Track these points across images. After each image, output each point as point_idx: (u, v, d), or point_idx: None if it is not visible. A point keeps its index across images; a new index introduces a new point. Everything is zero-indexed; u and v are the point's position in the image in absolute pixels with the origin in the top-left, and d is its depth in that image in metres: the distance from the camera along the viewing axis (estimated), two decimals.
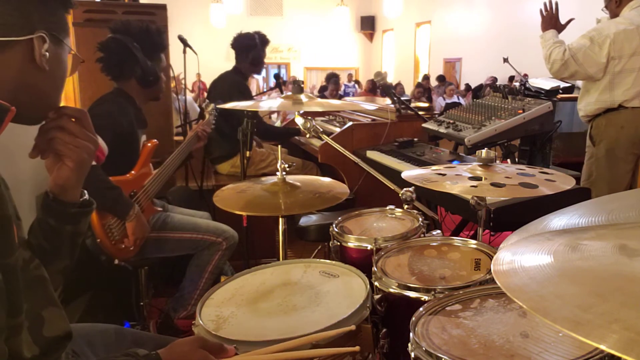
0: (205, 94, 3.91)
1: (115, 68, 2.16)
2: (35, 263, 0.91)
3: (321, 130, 1.97)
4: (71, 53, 0.98)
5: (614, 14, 2.76)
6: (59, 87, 0.97)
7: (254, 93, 4.90)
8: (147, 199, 2.17)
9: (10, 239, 0.81)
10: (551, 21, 2.82)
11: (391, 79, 13.32)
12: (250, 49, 3.37)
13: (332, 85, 8.83)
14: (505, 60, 3.95)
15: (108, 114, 2.07)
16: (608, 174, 2.68)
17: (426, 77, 12.20)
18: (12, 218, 0.82)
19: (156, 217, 2.22)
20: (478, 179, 1.43)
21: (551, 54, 2.71)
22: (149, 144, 2.25)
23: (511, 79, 8.41)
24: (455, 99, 9.99)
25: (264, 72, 13.64)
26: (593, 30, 2.69)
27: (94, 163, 1.85)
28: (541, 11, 2.85)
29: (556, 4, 2.82)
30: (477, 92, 8.47)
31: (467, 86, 11.09)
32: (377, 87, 9.82)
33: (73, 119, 0.97)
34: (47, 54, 0.89)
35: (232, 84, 3.40)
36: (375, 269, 1.36)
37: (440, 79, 11.45)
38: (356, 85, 13.62)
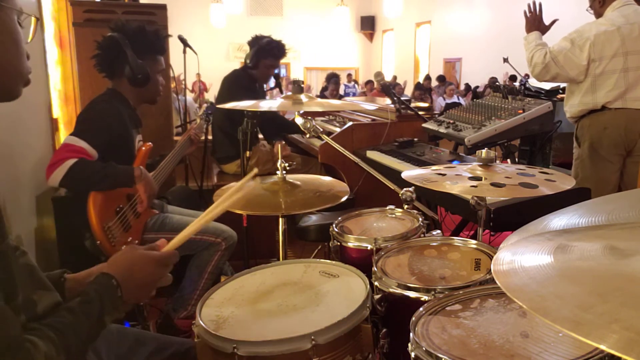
0: (205, 94, 3.91)
1: (106, 65, 2.16)
2: (20, 251, 0.92)
3: (321, 130, 1.96)
4: (21, 13, 0.92)
5: (598, 14, 2.72)
6: (13, 53, 0.92)
7: None
8: None
9: (0, 227, 0.83)
10: (535, 22, 2.79)
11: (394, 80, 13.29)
12: (266, 55, 3.28)
13: (332, 85, 8.85)
14: (505, 60, 3.94)
15: (100, 115, 2.06)
16: (593, 175, 2.65)
17: (428, 77, 12.20)
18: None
19: (154, 218, 2.22)
20: (478, 179, 1.43)
21: (533, 56, 2.68)
22: (144, 147, 2.21)
23: (513, 78, 8.42)
24: (455, 99, 10.00)
25: None
26: (574, 32, 2.65)
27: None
28: (525, 12, 2.82)
29: (540, 5, 2.79)
30: (477, 93, 8.47)
31: (467, 86, 11.09)
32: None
33: None
34: None
35: (234, 80, 3.35)
36: (375, 269, 1.36)
37: (441, 79, 11.45)
38: (356, 85, 13.61)
